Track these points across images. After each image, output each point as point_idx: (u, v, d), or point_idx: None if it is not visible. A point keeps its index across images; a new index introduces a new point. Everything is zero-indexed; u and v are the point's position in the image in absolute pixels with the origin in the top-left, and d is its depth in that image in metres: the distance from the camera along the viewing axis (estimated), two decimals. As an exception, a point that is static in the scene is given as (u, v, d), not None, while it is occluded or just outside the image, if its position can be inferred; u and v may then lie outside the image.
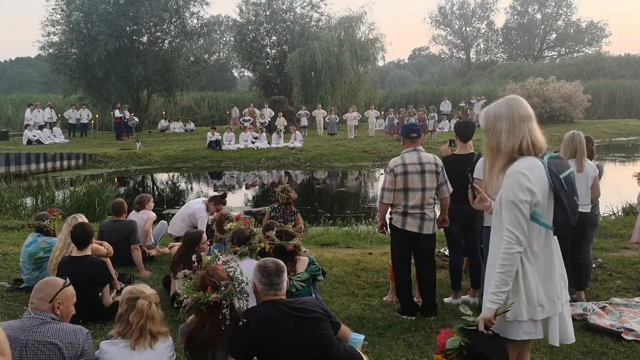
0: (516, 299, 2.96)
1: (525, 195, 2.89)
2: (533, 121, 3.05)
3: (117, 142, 27.16)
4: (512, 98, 3.12)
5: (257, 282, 3.51)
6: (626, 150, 27.84)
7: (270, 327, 3.37)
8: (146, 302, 3.42)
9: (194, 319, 3.53)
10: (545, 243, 3.00)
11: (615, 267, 7.24)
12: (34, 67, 74.85)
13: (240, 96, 46.16)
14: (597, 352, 4.76)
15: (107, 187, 13.10)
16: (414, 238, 5.52)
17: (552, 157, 3.00)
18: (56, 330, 3.14)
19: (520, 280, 2.97)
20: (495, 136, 3.07)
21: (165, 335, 3.51)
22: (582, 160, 5.76)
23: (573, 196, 2.95)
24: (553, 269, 3.02)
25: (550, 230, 2.98)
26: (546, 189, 2.93)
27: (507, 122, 3.02)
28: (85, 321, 5.28)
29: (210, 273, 3.52)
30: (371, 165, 22.89)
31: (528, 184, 2.88)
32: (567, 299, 3.12)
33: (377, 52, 37.06)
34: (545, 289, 2.98)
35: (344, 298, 6.23)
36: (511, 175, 2.94)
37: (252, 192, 18.95)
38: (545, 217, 2.96)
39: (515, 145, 2.99)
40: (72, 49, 32.45)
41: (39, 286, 3.32)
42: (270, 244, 4.95)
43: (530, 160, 2.96)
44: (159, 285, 6.60)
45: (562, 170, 2.95)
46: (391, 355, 4.63)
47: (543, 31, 67.78)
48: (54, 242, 6.30)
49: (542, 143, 3.02)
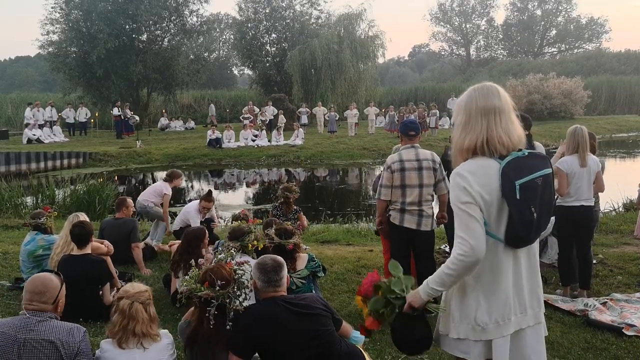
0: (452, 313, 2.68)
1: (466, 197, 2.53)
2: (499, 115, 2.58)
3: (117, 140, 27.17)
4: (479, 87, 2.67)
5: (257, 280, 3.50)
6: (627, 146, 27.84)
7: (270, 324, 3.35)
8: (127, 302, 3.38)
9: (193, 318, 3.53)
10: (496, 256, 2.56)
11: (616, 263, 7.23)
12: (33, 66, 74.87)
13: (241, 94, 46.18)
14: (598, 347, 4.75)
15: (107, 186, 13.08)
16: (412, 235, 5.51)
17: (516, 157, 2.53)
18: (53, 328, 3.11)
19: (457, 295, 2.67)
20: (454, 131, 2.73)
21: (156, 337, 3.44)
22: (585, 155, 5.75)
23: (530, 206, 2.48)
24: (501, 287, 2.57)
25: (502, 243, 2.56)
26: (495, 195, 2.52)
27: (463, 115, 2.65)
28: (86, 319, 5.29)
29: (214, 269, 3.52)
30: (371, 163, 22.88)
31: (466, 186, 2.52)
32: (534, 320, 2.67)
33: (377, 49, 37.03)
34: (488, 308, 2.58)
35: (345, 295, 6.22)
36: (452, 178, 2.62)
37: (252, 190, 18.95)
38: (494, 227, 2.55)
39: (467, 143, 2.60)
40: (71, 47, 32.46)
41: (38, 288, 3.18)
42: (269, 243, 4.94)
43: (479, 162, 2.57)
44: (159, 284, 6.60)
45: (522, 175, 2.49)
46: (392, 352, 4.62)
47: (543, 27, 67.75)
48: (53, 240, 6.30)
49: (505, 141, 2.55)
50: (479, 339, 2.59)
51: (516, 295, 2.60)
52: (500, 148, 2.55)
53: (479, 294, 2.59)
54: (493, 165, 2.54)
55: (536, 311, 2.68)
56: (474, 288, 2.60)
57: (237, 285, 3.47)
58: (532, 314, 2.66)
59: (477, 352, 2.62)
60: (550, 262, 6.91)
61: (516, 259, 2.60)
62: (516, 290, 2.60)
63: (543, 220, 2.57)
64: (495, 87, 2.64)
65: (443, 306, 2.72)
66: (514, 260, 2.60)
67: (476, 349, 2.61)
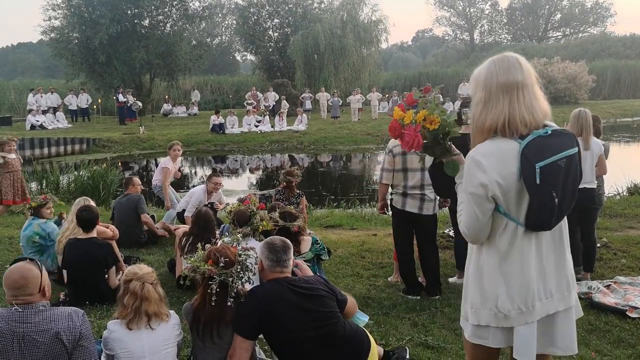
0: (471, 298, 2.57)
1: (474, 187, 2.41)
2: (521, 91, 2.38)
3: (121, 126, 27.18)
4: (499, 59, 2.46)
5: (264, 259, 3.51)
6: (631, 130, 27.73)
7: (275, 304, 3.38)
8: (139, 284, 3.40)
9: (197, 296, 3.56)
10: (518, 241, 2.43)
11: (620, 247, 7.25)
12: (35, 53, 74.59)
13: (243, 79, 46.03)
14: (602, 329, 4.77)
15: (111, 171, 13.10)
16: (414, 219, 5.51)
17: (538, 137, 2.33)
18: (51, 316, 3.01)
19: (476, 279, 2.55)
20: (473, 108, 2.51)
21: (165, 316, 3.48)
22: (588, 138, 5.74)
23: (551, 191, 2.30)
24: (523, 271, 2.44)
25: (523, 227, 2.43)
26: (514, 178, 2.35)
27: (482, 91, 2.44)
28: (92, 303, 5.34)
29: (219, 249, 3.56)
30: (375, 148, 22.84)
31: (479, 174, 2.38)
32: (564, 304, 2.51)
33: (381, 34, 36.72)
34: (509, 294, 2.44)
35: (349, 279, 6.25)
36: (466, 162, 2.47)
37: (255, 176, 18.97)
38: (514, 211, 2.41)
39: (488, 123, 2.41)
40: (73, 33, 32.29)
41: (18, 283, 2.99)
42: (274, 225, 4.95)
43: (497, 143, 2.39)
44: (164, 268, 6.64)
45: (543, 156, 2.29)
46: (396, 334, 4.65)
47: (547, 11, 67.10)
48: (50, 229, 6.39)
49: (528, 120, 2.37)
50: (501, 326, 2.47)
51: (540, 280, 2.45)
52: (522, 128, 2.36)
53: (499, 278, 2.45)
54: (512, 147, 2.35)
55: (565, 295, 2.50)
56: (494, 272, 2.47)
57: (241, 267, 3.50)
58: (560, 297, 2.49)
59: (498, 339, 2.50)
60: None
61: (539, 242, 2.45)
62: (540, 275, 2.45)
63: (565, 205, 2.38)
64: (516, 58, 2.44)
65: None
66: (537, 243, 2.45)
67: (497, 336, 2.49)
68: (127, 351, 3.29)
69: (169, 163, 8.74)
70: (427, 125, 2.60)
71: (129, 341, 3.31)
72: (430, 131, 2.60)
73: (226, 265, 3.44)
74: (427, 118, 2.59)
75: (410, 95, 2.75)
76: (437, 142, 2.63)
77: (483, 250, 2.52)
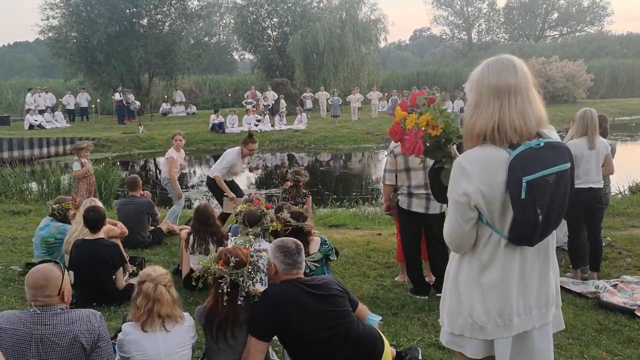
0: (449, 305, 2.49)
1: (457, 195, 2.32)
2: (514, 95, 2.26)
3: (120, 126, 27.10)
4: (493, 61, 2.34)
5: (279, 263, 3.48)
6: (630, 129, 27.75)
7: (290, 305, 3.37)
8: (152, 285, 3.38)
9: (209, 298, 3.55)
10: (501, 253, 2.33)
11: (625, 246, 7.25)
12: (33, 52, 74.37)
13: (242, 79, 45.95)
14: (611, 329, 4.77)
15: (112, 171, 13.07)
16: (421, 219, 5.48)
17: (529, 149, 2.21)
18: (70, 319, 3.01)
19: (454, 287, 2.47)
20: (465, 111, 2.41)
21: (179, 318, 3.46)
22: (594, 138, 5.74)
23: (536, 207, 2.19)
24: (503, 285, 2.33)
25: (506, 239, 2.33)
26: (499, 190, 2.24)
27: (474, 94, 2.33)
28: (99, 304, 5.32)
29: (230, 250, 3.57)
30: (375, 147, 22.84)
31: (463, 181, 2.28)
32: (541, 321, 2.42)
33: (380, 33, 36.79)
34: (485, 307, 2.35)
35: (356, 279, 6.24)
36: (453, 167, 2.38)
37: (255, 175, 18.94)
38: (498, 223, 2.31)
39: (477, 128, 2.29)
40: (71, 32, 32.16)
41: (39, 283, 3.00)
42: (286, 225, 4.94)
43: (486, 151, 2.27)
44: (169, 268, 6.62)
45: (532, 170, 2.18)
46: (407, 335, 4.64)
47: (545, 10, 67.18)
48: (67, 229, 6.32)
49: (519, 126, 2.24)
50: (478, 338, 2.40)
51: (521, 295, 2.36)
52: (512, 135, 2.23)
53: (477, 289, 2.37)
54: (501, 156, 2.24)
55: (543, 311, 2.41)
56: (472, 282, 2.38)
57: (252, 268, 3.49)
58: (538, 314, 2.40)
59: (475, 350, 2.43)
60: (560, 245, 6.92)
61: (523, 256, 2.35)
62: (522, 290, 2.36)
63: (551, 223, 2.28)
64: (511, 60, 2.32)
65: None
66: (521, 257, 2.34)
67: (473, 346, 2.42)
68: (143, 353, 3.28)
69: (173, 153, 8.74)
70: (429, 130, 2.52)
71: (145, 344, 3.30)
72: (432, 137, 2.53)
73: (237, 265, 3.43)
74: (429, 123, 2.51)
75: (414, 97, 2.67)
76: (438, 148, 2.57)
77: (465, 258, 2.44)
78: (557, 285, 2.50)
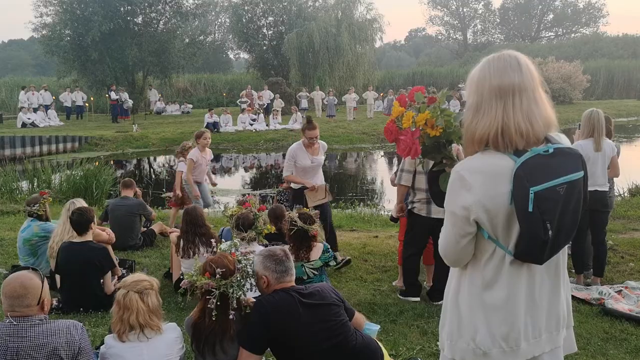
0: (449, 327, 2.23)
1: (455, 207, 2.08)
2: (518, 95, 2.02)
3: (113, 124, 26.90)
4: (495, 58, 2.10)
5: (271, 273, 3.27)
6: (626, 130, 27.72)
7: (285, 315, 3.18)
8: (122, 292, 3.19)
9: (196, 310, 3.37)
10: (506, 270, 2.07)
11: (627, 250, 7.11)
12: (27, 50, 74.03)
13: (237, 78, 45.81)
14: (618, 338, 4.61)
15: (104, 170, 12.83)
16: (438, 224, 5.22)
17: (536, 155, 1.96)
18: (49, 330, 2.84)
19: (454, 307, 2.21)
20: (464, 114, 2.16)
21: (155, 327, 3.22)
22: (600, 139, 5.58)
23: (545, 221, 1.93)
24: (508, 306, 2.08)
25: (512, 256, 2.07)
26: (503, 202, 1.99)
27: (474, 95, 2.08)
28: (87, 309, 5.14)
29: (215, 259, 3.38)
30: (371, 147, 22.69)
31: (463, 192, 2.04)
32: (551, 345, 2.16)
33: (375, 33, 36.70)
34: (490, 330, 2.09)
35: (353, 283, 6.06)
36: (450, 176, 2.12)
37: (250, 175, 18.75)
38: (502, 238, 2.05)
39: (478, 133, 2.04)
40: (65, 30, 31.92)
41: (17, 292, 2.81)
42: (291, 226, 4.73)
43: (488, 158, 2.03)
44: (160, 271, 6.45)
45: (540, 179, 1.93)
46: (406, 343, 4.46)
47: (540, 11, 67.37)
48: (49, 227, 6.11)
49: (525, 130, 1.99)
50: None
51: (529, 317, 2.10)
52: (517, 139, 1.99)
53: (479, 309, 2.11)
54: (505, 165, 1.99)
55: (554, 335, 2.16)
56: (475, 302, 2.12)
57: (241, 274, 3.30)
58: (548, 338, 2.14)
59: None
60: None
61: (531, 273, 2.08)
62: (530, 311, 2.10)
63: (562, 239, 2.01)
64: (515, 57, 2.07)
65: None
66: (528, 274, 2.08)
67: None
68: (127, 366, 3.08)
69: (195, 154, 8.38)
70: (427, 130, 2.26)
71: (129, 357, 3.10)
72: (430, 137, 2.27)
73: (224, 275, 3.24)
74: (428, 122, 2.24)
75: (413, 93, 2.40)
76: (437, 149, 2.32)
77: (466, 274, 2.17)
78: (568, 305, 2.23)
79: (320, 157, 6.80)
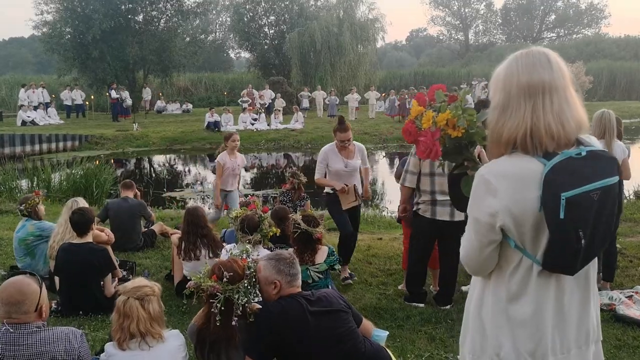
0: (471, 340, 2.12)
1: (479, 212, 1.95)
2: (549, 95, 1.88)
3: (114, 123, 26.78)
4: (523, 54, 1.98)
5: (284, 276, 3.18)
6: (629, 132, 27.60)
7: (293, 322, 3.07)
8: (122, 299, 3.08)
9: (201, 316, 3.26)
10: (533, 281, 1.95)
11: (635, 253, 7.00)
12: (27, 48, 73.91)
13: (238, 77, 45.70)
14: (631, 345, 4.51)
15: (105, 169, 12.72)
16: (443, 226, 5.09)
17: (568, 158, 1.83)
18: (47, 338, 2.73)
19: (477, 319, 2.09)
20: (490, 114, 2.03)
21: (157, 336, 3.11)
22: (611, 141, 5.46)
23: (577, 229, 1.80)
24: (535, 319, 1.96)
25: (540, 266, 1.95)
26: (531, 208, 1.86)
27: (501, 94, 1.96)
28: (87, 313, 5.03)
29: (224, 262, 3.27)
30: (373, 148, 22.54)
31: (488, 198, 1.91)
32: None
33: (377, 33, 36.59)
34: (515, 345, 1.98)
35: (357, 287, 5.94)
36: (475, 179, 2.00)
37: (250, 175, 18.63)
38: (530, 247, 1.92)
39: (506, 134, 1.92)
40: (66, 28, 31.76)
41: (14, 298, 2.72)
42: (295, 228, 4.62)
43: (515, 161, 1.90)
44: (161, 273, 6.33)
45: (572, 185, 1.79)
46: (414, 350, 4.34)
47: (542, 12, 67.20)
48: (45, 226, 6.01)
49: (555, 131, 1.86)
50: None
51: (557, 331, 1.97)
52: (547, 142, 1.86)
53: (505, 323, 1.99)
54: (534, 168, 1.86)
55: (583, 350, 2.03)
56: (499, 315, 2.01)
57: (249, 282, 3.18)
58: (578, 354, 2.01)
59: None
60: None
61: (560, 284, 1.96)
62: (558, 325, 1.97)
63: (595, 248, 1.88)
64: (544, 53, 1.95)
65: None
66: (557, 285, 1.96)
67: None
68: (129, 376, 2.97)
69: (224, 157, 7.89)
70: (448, 130, 2.12)
71: (131, 366, 2.98)
72: (452, 138, 2.14)
73: (231, 280, 3.13)
74: (449, 122, 2.10)
75: (433, 91, 2.26)
76: (459, 151, 2.19)
77: (490, 285, 2.05)
78: (598, 318, 2.10)
79: (356, 161, 6.25)
